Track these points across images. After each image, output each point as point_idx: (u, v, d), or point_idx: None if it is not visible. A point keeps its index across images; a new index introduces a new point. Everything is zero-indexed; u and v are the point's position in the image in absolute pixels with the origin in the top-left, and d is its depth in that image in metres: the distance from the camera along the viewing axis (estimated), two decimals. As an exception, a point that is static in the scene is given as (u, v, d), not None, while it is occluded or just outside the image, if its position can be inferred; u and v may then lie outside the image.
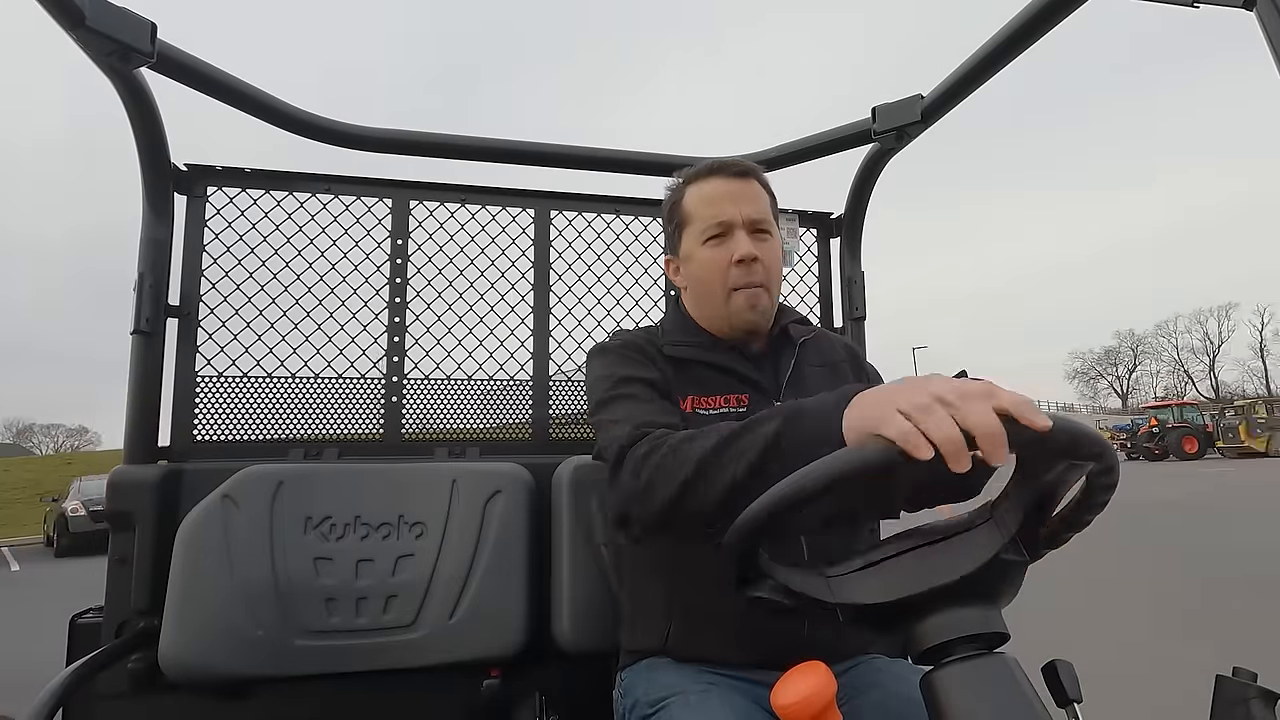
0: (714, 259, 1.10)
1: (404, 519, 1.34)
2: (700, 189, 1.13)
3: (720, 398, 1.08)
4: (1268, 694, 0.65)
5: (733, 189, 1.11)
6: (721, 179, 1.12)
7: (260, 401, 1.51)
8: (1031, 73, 9.98)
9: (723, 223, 1.09)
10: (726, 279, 1.09)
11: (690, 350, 1.12)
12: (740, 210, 1.09)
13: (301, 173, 1.56)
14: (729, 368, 1.10)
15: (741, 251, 1.07)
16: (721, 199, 1.10)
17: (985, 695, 0.62)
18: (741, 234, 1.09)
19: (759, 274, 1.09)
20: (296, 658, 1.22)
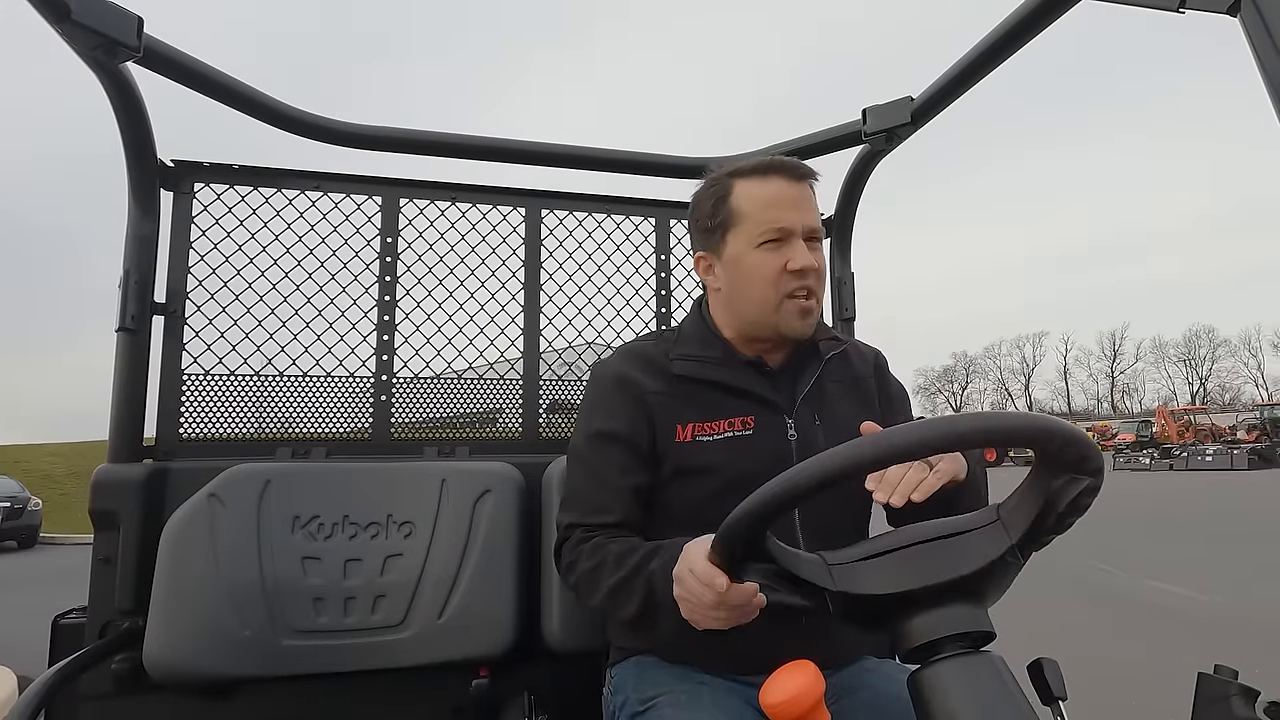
0: (768, 264, 1.04)
1: (393, 518, 1.33)
2: (756, 188, 1.06)
3: (724, 422, 1.05)
4: (1247, 690, 0.66)
5: (794, 194, 1.06)
6: (782, 180, 1.06)
7: (247, 400, 1.50)
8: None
9: (783, 228, 1.04)
10: (780, 286, 1.04)
11: (700, 367, 1.08)
12: (801, 217, 1.05)
13: (290, 169, 1.55)
14: (738, 387, 1.07)
15: (802, 261, 1.03)
16: (782, 203, 1.05)
17: (974, 693, 0.62)
18: (800, 242, 1.04)
19: (813, 282, 1.05)
20: (284, 658, 1.21)
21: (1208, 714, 0.67)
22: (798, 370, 1.11)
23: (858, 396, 1.14)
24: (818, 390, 1.10)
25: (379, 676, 1.26)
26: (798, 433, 1.06)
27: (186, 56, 1.30)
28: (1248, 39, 0.71)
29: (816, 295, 1.07)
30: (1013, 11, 1.15)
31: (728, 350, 1.10)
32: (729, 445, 1.03)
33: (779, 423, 1.06)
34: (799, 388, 1.09)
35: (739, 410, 1.06)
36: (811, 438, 1.05)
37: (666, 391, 1.07)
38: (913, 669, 0.66)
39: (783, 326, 1.06)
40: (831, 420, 1.08)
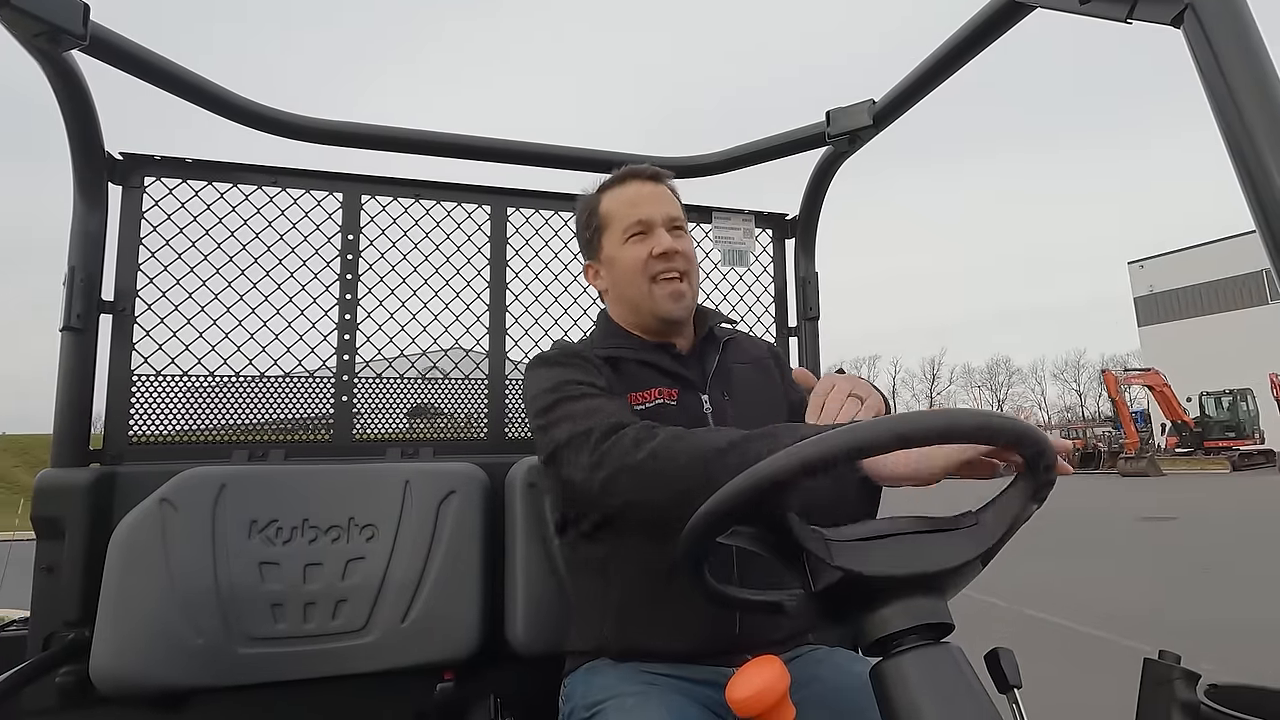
0: (636, 254, 1.15)
1: (354, 521, 1.31)
2: (617, 193, 1.20)
3: (655, 390, 1.12)
4: (1189, 674, 0.69)
5: (649, 191, 1.19)
6: (638, 182, 1.20)
7: (201, 401, 1.45)
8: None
9: (643, 220, 1.16)
10: (648, 270, 1.15)
11: (620, 350, 1.16)
12: (659, 209, 1.17)
13: (246, 164, 1.51)
14: (656, 364, 1.15)
15: (664, 245, 1.14)
16: (640, 200, 1.18)
17: (933, 685, 0.64)
18: (661, 230, 1.16)
19: (680, 264, 1.15)
20: (239, 666, 1.18)
21: (1153, 696, 0.70)
22: (702, 354, 1.21)
23: (759, 374, 1.25)
24: (724, 370, 1.20)
25: (340, 683, 1.23)
26: (712, 406, 1.14)
27: (135, 45, 1.26)
28: (1190, 51, 0.74)
29: (686, 276, 1.16)
30: (969, 19, 1.18)
31: (638, 340, 1.20)
32: (658, 411, 1.11)
33: (695, 398, 1.15)
34: (707, 368, 1.19)
35: (663, 383, 1.14)
36: (723, 411, 1.14)
37: (605, 367, 1.13)
38: (868, 658, 0.67)
39: (658, 310, 1.16)
40: (739, 396, 1.18)
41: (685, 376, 1.15)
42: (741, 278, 1.83)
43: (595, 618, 1.08)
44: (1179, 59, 0.76)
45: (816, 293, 1.81)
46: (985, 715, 0.63)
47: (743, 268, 1.81)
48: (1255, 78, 0.68)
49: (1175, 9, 0.74)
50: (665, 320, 1.17)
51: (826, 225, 1.78)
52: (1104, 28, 0.88)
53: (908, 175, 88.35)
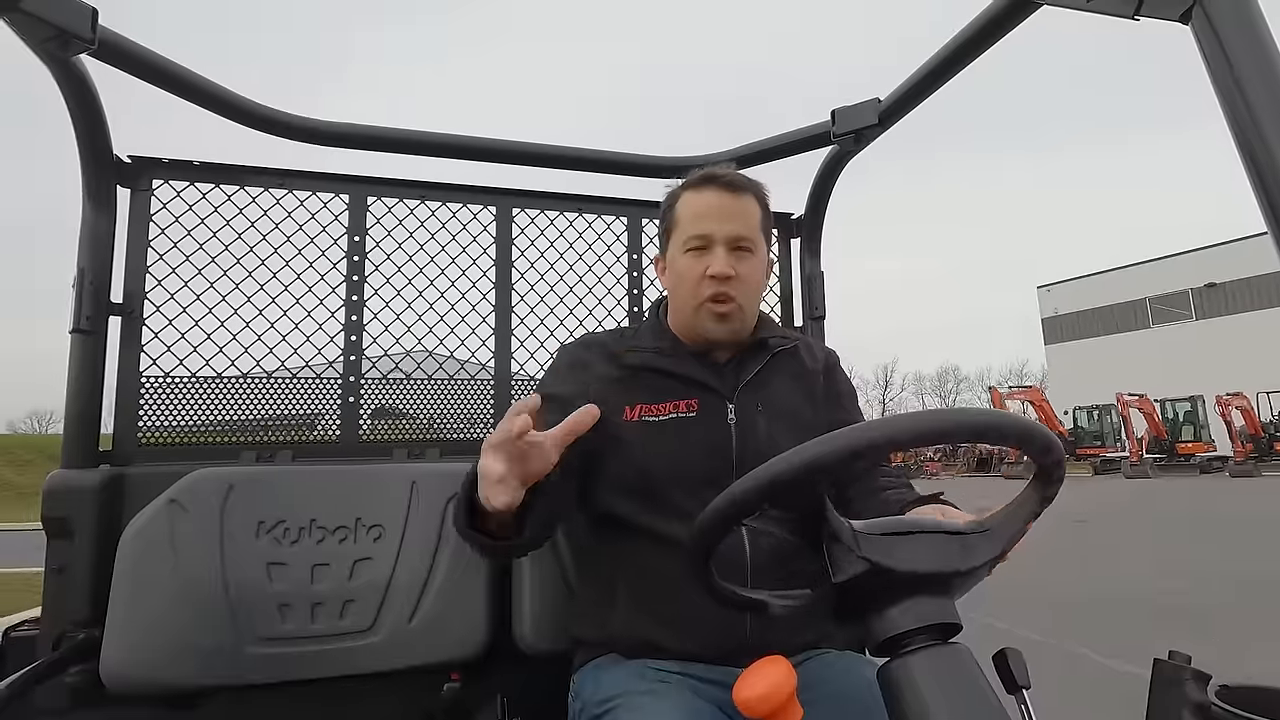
0: (692, 269, 1.12)
1: (361, 522, 1.31)
2: (693, 198, 1.15)
3: (670, 404, 1.12)
4: (1200, 675, 0.69)
5: (722, 203, 1.13)
6: (713, 191, 1.14)
7: (209, 403, 1.46)
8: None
9: (703, 236, 1.12)
10: (698, 290, 1.11)
11: (649, 357, 1.15)
12: (723, 226, 1.11)
13: (253, 166, 1.51)
14: (684, 374, 1.14)
15: (717, 267, 1.10)
16: (708, 213, 1.12)
17: (941, 685, 0.64)
18: (720, 250, 1.11)
19: (734, 288, 1.11)
20: (248, 666, 1.19)
21: (1164, 697, 0.70)
22: (743, 362, 1.18)
23: (802, 389, 1.21)
24: (762, 380, 1.17)
25: (347, 683, 1.24)
26: (738, 417, 1.12)
27: (143, 49, 1.26)
28: (1199, 47, 0.73)
29: (739, 300, 1.12)
30: (976, 16, 1.17)
31: (677, 344, 1.18)
32: (672, 425, 1.10)
33: (721, 407, 1.13)
34: (742, 377, 1.16)
35: (684, 395, 1.13)
36: (751, 422, 1.12)
37: (617, 378, 1.14)
38: (875, 661, 0.67)
39: (700, 328, 1.14)
40: (773, 407, 1.15)
41: (712, 386, 1.13)
42: (747, 277, 1.83)
43: (603, 614, 1.08)
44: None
45: (822, 292, 1.80)
46: (994, 716, 0.62)
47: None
48: (1265, 75, 0.68)
49: (1184, 5, 0.73)
50: (709, 341, 1.16)
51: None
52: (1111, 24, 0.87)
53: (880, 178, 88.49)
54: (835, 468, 0.66)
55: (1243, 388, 22.90)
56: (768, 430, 1.12)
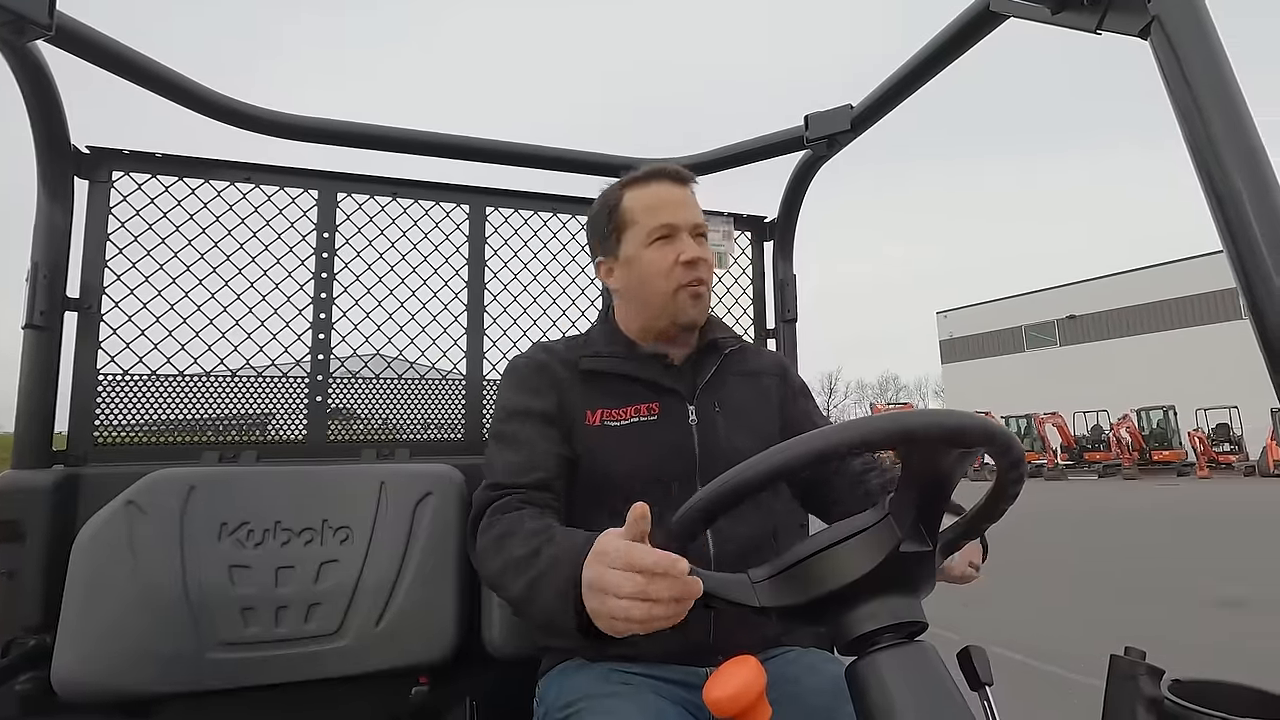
0: (661, 259, 1.13)
1: (328, 523, 1.29)
2: (642, 193, 1.16)
3: (631, 408, 1.12)
4: (1154, 670, 0.71)
5: (676, 195, 1.16)
6: (665, 184, 1.16)
7: (170, 402, 1.42)
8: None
9: (669, 225, 1.13)
10: (672, 277, 1.13)
11: (606, 362, 1.15)
12: (684, 215, 1.15)
13: (219, 160, 1.48)
14: (642, 378, 1.14)
15: (690, 252, 1.13)
16: (667, 204, 1.15)
17: (906, 682, 0.65)
18: (687, 237, 1.14)
19: (704, 272, 1.15)
20: (209, 672, 1.16)
21: (1119, 691, 0.72)
22: (698, 363, 1.20)
23: (757, 389, 1.23)
24: (718, 381, 1.19)
25: (313, 687, 1.21)
26: (699, 418, 1.14)
27: (104, 37, 1.23)
28: (1157, 63, 0.76)
29: (707, 283, 1.16)
30: (945, 26, 1.20)
31: (632, 347, 1.18)
32: (634, 429, 1.10)
33: (682, 409, 1.14)
34: (699, 378, 1.17)
35: (644, 398, 1.13)
36: (711, 422, 1.14)
37: (578, 381, 1.14)
38: (841, 659, 0.68)
39: (678, 315, 1.15)
40: (730, 408, 1.17)
41: (672, 388, 1.14)
42: (720, 279, 1.84)
43: None
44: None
45: (794, 295, 1.82)
46: (958, 712, 0.64)
47: (722, 270, 1.82)
48: (1219, 88, 0.70)
49: (1143, 21, 0.76)
50: (683, 325, 1.16)
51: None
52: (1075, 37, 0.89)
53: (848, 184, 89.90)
54: (802, 469, 0.67)
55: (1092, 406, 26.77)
56: (726, 431, 1.13)
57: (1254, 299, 0.65)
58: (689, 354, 1.20)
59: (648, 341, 1.18)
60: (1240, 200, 0.67)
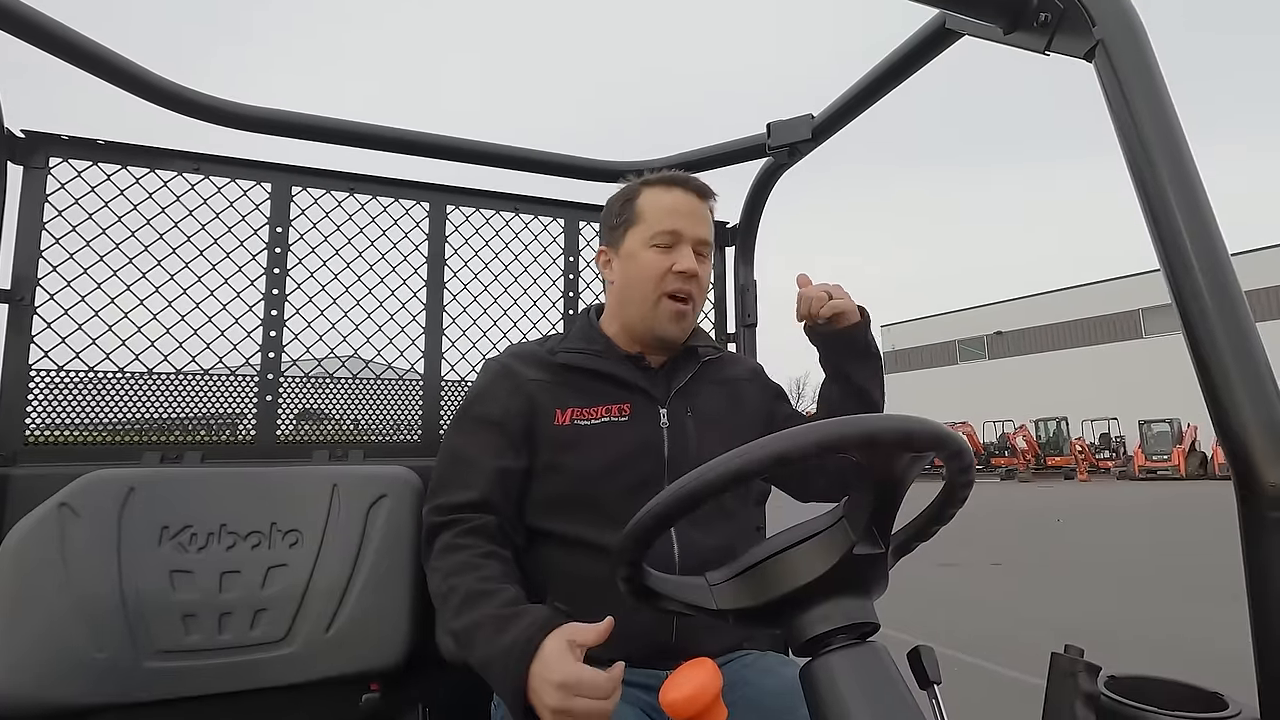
0: (656, 262, 1.13)
1: (277, 527, 1.25)
2: (660, 195, 1.16)
3: (602, 408, 1.12)
4: (1091, 667, 0.74)
5: (691, 206, 1.16)
6: (685, 192, 1.16)
7: (109, 399, 1.36)
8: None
9: (674, 232, 1.14)
10: (662, 284, 1.13)
11: (580, 357, 1.15)
12: (692, 227, 1.15)
13: (165, 148, 1.42)
14: (615, 376, 1.14)
15: (686, 264, 1.12)
16: (679, 212, 1.15)
17: (858, 682, 0.66)
18: (688, 249, 1.14)
19: (694, 288, 1.15)
20: (147, 681, 1.11)
21: (1059, 688, 0.74)
22: (675, 368, 1.20)
23: (732, 396, 1.24)
24: (693, 386, 1.19)
25: (258, 696, 1.17)
26: (670, 421, 1.14)
27: (41, 15, 1.17)
28: (1101, 85, 0.79)
29: (694, 301, 1.16)
30: (903, 42, 1.23)
31: (610, 346, 1.18)
32: (605, 429, 1.10)
33: (653, 411, 1.14)
34: (674, 382, 1.18)
35: (616, 398, 1.13)
36: (682, 426, 1.14)
37: (548, 380, 1.13)
38: (796, 661, 0.69)
39: (657, 327, 1.15)
40: (703, 414, 1.18)
41: (645, 390, 1.14)
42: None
43: None
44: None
45: (755, 300, 1.84)
46: (907, 710, 0.65)
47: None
48: (1157, 112, 0.74)
49: (1088, 44, 0.79)
50: (660, 339, 1.16)
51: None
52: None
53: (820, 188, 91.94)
54: (761, 472, 0.68)
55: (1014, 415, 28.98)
56: (697, 436, 1.14)
57: (1185, 310, 0.68)
58: (666, 358, 1.21)
59: (627, 345, 1.18)
60: (1174, 215, 0.70)
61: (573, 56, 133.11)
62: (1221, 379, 0.64)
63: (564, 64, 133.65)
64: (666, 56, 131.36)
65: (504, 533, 1.07)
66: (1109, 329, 31.84)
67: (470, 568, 0.99)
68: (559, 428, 1.09)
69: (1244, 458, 0.62)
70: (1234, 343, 0.65)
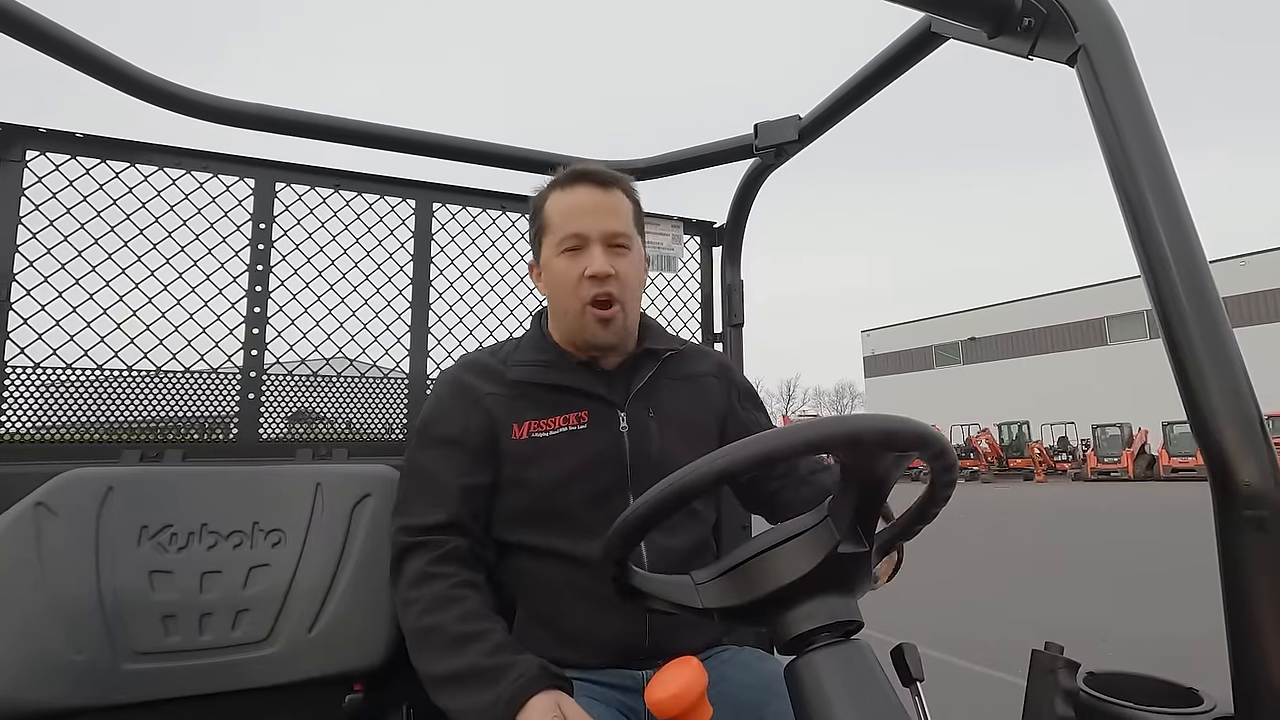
0: (569, 270, 1.08)
1: (259, 526, 1.23)
2: (562, 197, 1.10)
3: (559, 418, 1.09)
4: (1070, 663, 0.75)
5: (594, 199, 1.09)
6: (585, 188, 1.09)
7: (87, 397, 1.34)
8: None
9: (578, 234, 1.07)
10: (579, 292, 1.07)
11: (534, 371, 1.12)
12: (597, 224, 1.07)
13: (147, 143, 1.40)
14: (570, 386, 1.11)
15: (596, 266, 1.06)
16: (580, 210, 1.08)
17: (842, 680, 0.67)
18: (597, 248, 1.07)
19: (613, 287, 1.07)
20: (125, 683, 1.09)
21: (1039, 684, 0.76)
22: (632, 369, 1.16)
23: (695, 392, 1.21)
24: (652, 386, 1.15)
25: (239, 698, 1.16)
26: (630, 424, 1.11)
27: (19, 6, 1.15)
28: (1083, 90, 0.80)
29: (621, 302, 1.09)
30: (889, 44, 1.24)
31: (562, 355, 1.14)
32: (563, 440, 1.08)
33: (612, 416, 1.11)
34: (632, 384, 1.14)
35: (573, 406, 1.10)
36: (643, 428, 1.11)
37: (503, 394, 1.10)
38: (775, 657, 0.70)
39: (589, 336, 1.10)
40: (665, 414, 1.15)
41: (602, 395, 1.12)
42: (669, 282, 1.85)
43: (505, 619, 1.06)
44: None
45: (742, 300, 1.84)
46: (892, 708, 0.66)
47: (670, 273, 1.83)
48: (1137, 117, 0.75)
49: (1071, 49, 0.80)
50: (595, 346, 1.12)
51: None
52: (1008, 61, 0.94)
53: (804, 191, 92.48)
54: (742, 473, 0.68)
55: (984, 419, 30.29)
56: (660, 437, 1.12)
57: (1164, 314, 0.69)
58: (622, 360, 1.17)
59: (576, 351, 1.15)
60: (1153, 220, 0.71)
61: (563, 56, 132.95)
62: (1199, 381, 0.65)
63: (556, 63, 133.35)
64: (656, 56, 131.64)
65: (475, 555, 1.05)
66: (1077, 336, 33.47)
67: (449, 602, 0.97)
68: (517, 442, 1.08)
69: (1220, 458, 0.63)
70: (1211, 346, 0.66)
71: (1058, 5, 0.81)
